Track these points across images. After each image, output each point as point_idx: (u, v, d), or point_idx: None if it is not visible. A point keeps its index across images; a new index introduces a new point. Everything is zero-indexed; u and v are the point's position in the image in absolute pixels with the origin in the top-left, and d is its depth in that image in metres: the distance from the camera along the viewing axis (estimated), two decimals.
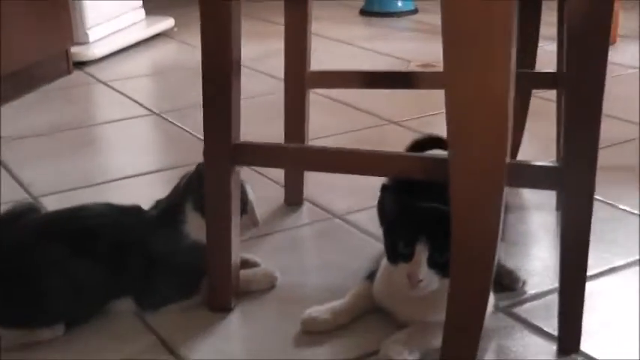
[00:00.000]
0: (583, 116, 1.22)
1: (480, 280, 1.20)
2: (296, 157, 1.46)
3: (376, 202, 1.47)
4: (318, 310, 1.46)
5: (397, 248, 1.36)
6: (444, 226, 1.22)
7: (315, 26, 1.92)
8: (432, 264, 1.32)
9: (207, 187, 1.47)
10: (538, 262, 1.67)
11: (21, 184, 2.15)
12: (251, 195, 1.60)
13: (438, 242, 1.31)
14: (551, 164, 1.30)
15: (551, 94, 1.99)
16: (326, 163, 1.41)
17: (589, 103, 1.21)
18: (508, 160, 1.17)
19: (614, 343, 1.41)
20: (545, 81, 1.81)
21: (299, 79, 1.85)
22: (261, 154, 1.46)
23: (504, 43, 1.07)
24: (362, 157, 1.39)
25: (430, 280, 1.33)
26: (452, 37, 1.11)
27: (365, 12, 4.31)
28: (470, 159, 1.13)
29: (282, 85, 1.90)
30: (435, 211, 1.34)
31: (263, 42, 3.20)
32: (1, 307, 1.43)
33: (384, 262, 1.44)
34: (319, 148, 1.44)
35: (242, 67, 1.46)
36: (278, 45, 2.91)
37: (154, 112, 2.77)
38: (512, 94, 1.12)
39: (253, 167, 1.79)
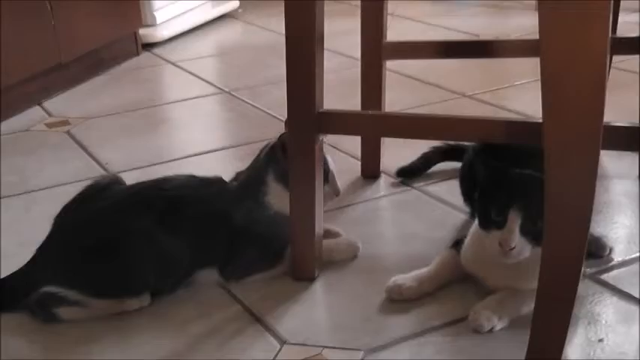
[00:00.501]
0: None
1: (575, 247, 1.18)
2: (382, 123, 1.45)
3: (454, 174, 1.47)
4: (404, 278, 1.46)
5: (490, 215, 1.35)
6: (538, 193, 1.20)
7: None
8: (525, 231, 1.31)
9: (291, 156, 1.47)
10: (623, 230, 1.65)
11: (98, 163, 2.18)
12: (331, 164, 1.60)
13: (531, 209, 1.29)
14: None
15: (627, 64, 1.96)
16: (412, 128, 1.40)
17: None
18: None
19: None
20: (629, 46, 1.77)
21: (375, 50, 1.84)
22: (346, 122, 1.46)
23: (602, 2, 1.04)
24: (448, 122, 1.38)
25: (522, 248, 1.31)
26: None
27: None
28: (566, 121, 1.11)
29: (352, 62, 1.89)
30: (528, 177, 1.33)
31: (329, 21, 3.19)
32: (90, 277, 1.45)
33: (474, 228, 1.43)
34: (405, 115, 1.44)
35: None
36: (346, 24, 2.92)
37: (225, 91, 2.79)
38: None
39: (328, 142, 1.78)
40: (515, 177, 1.35)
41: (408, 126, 1.41)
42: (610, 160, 1.90)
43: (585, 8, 1.05)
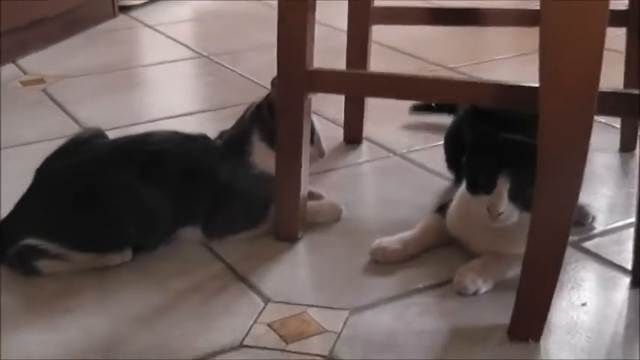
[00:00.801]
0: None
1: (565, 211, 1.18)
2: (371, 82, 1.44)
3: (436, 141, 1.47)
4: (388, 241, 1.46)
5: (478, 179, 1.35)
6: (528, 159, 1.20)
7: None
8: (513, 197, 1.31)
9: (279, 114, 1.46)
10: (605, 200, 1.66)
11: (76, 121, 2.15)
12: (317, 126, 1.59)
13: (520, 175, 1.29)
14: (634, 91, 1.28)
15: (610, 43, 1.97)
16: (401, 88, 1.39)
17: None
18: None
19: None
20: (616, 19, 1.77)
21: (363, 14, 1.83)
22: (335, 80, 1.45)
23: None
24: (436, 82, 1.38)
25: (510, 213, 1.31)
26: None
27: None
28: (563, 84, 1.11)
29: (336, 33, 1.88)
30: (519, 143, 1.33)
31: None
32: (71, 230, 1.44)
33: (460, 192, 1.43)
34: (394, 75, 1.42)
35: None
36: None
37: (203, 55, 2.76)
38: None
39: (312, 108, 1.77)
40: (505, 142, 1.35)
41: (397, 85, 1.41)
42: (592, 134, 1.90)
43: None
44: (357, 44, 1.87)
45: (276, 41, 1.42)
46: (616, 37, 1.79)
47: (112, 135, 1.61)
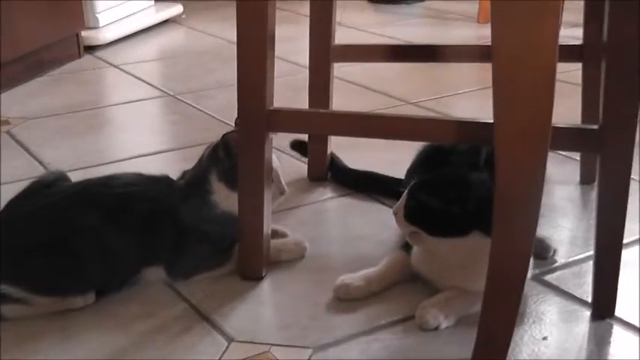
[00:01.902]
0: (624, 80, 1.23)
1: (523, 244, 1.20)
2: (332, 121, 1.46)
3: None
4: (352, 277, 1.47)
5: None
6: (442, 183, 1.34)
7: None
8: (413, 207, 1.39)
9: (240, 154, 1.46)
10: (566, 233, 1.68)
11: (40, 163, 2.15)
12: (276, 163, 1.59)
13: (425, 187, 1.39)
14: (590, 127, 1.30)
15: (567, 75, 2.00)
16: (362, 127, 1.41)
17: (630, 67, 1.22)
18: None
19: None
20: (572, 54, 1.81)
21: (324, 52, 1.85)
22: (296, 119, 1.46)
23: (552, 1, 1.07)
24: (398, 121, 1.40)
25: (406, 227, 1.41)
26: None
27: None
28: (516, 118, 1.12)
29: (297, 69, 1.90)
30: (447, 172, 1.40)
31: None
32: (33, 274, 1.43)
33: None
34: (355, 113, 1.44)
35: None
36: (290, 31, 2.93)
37: (169, 94, 2.77)
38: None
39: (276, 146, 1.78)
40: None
41: (359, 124, 1.42)
42: (553, 166, 1.92)
43: (536, 8, 1.07)
44: (319, 82, 1.88)
45: (236, 81, 1.43)
46: (577, 71, 1.84)
47: (76, 176, 1.61)
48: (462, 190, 1.33)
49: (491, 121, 1.16)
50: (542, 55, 1.09)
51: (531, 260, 1.37)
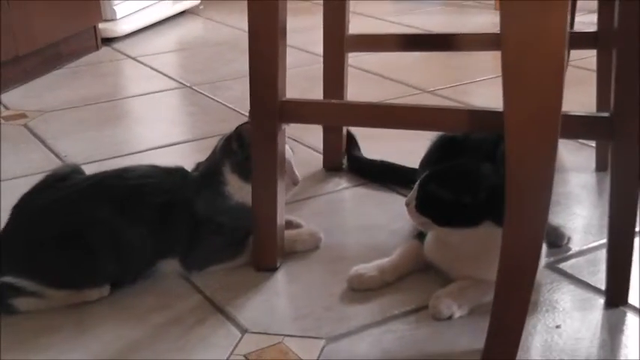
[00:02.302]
0: (635, 68, 1.22)
1: (534, 233, 1.19)
2: (344, 112, 1.46)
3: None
4: (365, 268, 1.47)
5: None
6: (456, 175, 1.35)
7: None
8: (425, 199, 1.40)
9: (253, 146, 1.47)
10: (580, 220, 1.67)
11: (56, 155, 2.16)
12: (289, 153, 1.60)
13: (438, 180, 1.39)
14: (602, 114, 1.29)
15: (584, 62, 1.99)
16: (374, 117, 1.41)
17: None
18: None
19: None
20: (586, 40, 1.80)
21: (338, 42, 1.85)
22: (308, 111, 1.46)
23: None
24: (410, 111, 1.39)
25: (419, 218, 1.41)
26: None
27: None
28: (525, 107, 1.12)
29: (313, 59, 1.90)
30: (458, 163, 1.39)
31: (291, 18, 3.21)
32: (48, 267, 1.44)
33: None
34: (367, 104, 1.44)
35: None
36: (307, 21, 2.93)
37: (186, 85, 2.78)
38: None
39: (291, 135, 1.79)
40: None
41: (370, 115, 1.42)
42: (568, 153, 1.92)
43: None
44: (334, 72, 1.88)
45: (249, 72, 1.43)
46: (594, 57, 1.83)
47: (93, 168, 1.63)
48: (472, 181, 1.33)
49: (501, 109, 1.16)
50: (551, 43, 1.08)
51: (545, 248, 1.37)
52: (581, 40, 1.81)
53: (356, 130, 1.95)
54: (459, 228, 1.36)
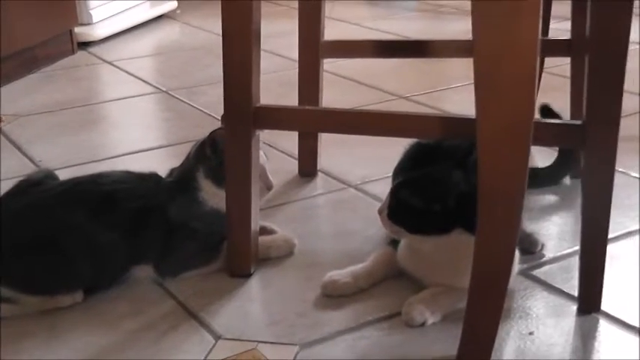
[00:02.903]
0: (607, 76, 1.23)
1: (506, 240, 1.20)
2: (318, 118, 1.46)
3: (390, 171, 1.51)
4: (339, 274, 1.47)
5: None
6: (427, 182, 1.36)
7: None
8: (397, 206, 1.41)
9: (227, 151, 1.47)
10: (554, 227, 1.68)
11: (31, 160, 2.15)
12: (263, 158, 1.60)
13: (410, 187, 1.39)
14: (574, 122, 1.30)
15: (558, 69, 2.00)
16: (348, 124, 1.41)
17: (613, 63, 1.22)
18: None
19: (633, 303, 1.41)
20: (560, 48, 1.81)
21: (313, 48, 1.85)
22: (282, 117, 1.46)
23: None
24: (384, 117, 1.40)
25: (391, 226, 1.42)
26: None
27: None
28: (497, 115, 1.13)
29: (289, 63, 1.90)
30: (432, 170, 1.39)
31: (268, 23, 3.21)
32: (21, 273, 1.43)
33: None
34: (340, 110, 1.44)
35: None
36: (284, 26, 2.93)
37: (162, 90, 2.77)
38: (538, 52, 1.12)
39: (266, 141, 1.79)
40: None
41: (344, 121, 1.43)
42: (542, 159, 1.93)
43: (516, 6, 1.07)
44: (309, 78, 1.88)
45: (222, 78, 1.43)
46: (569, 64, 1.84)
47: (68, 173, 1.62)
48: (442, 189, 1.34)
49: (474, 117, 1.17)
50: (523, 52, 1.09)
51: (518, 255, 1.38)
52: (555, 48, 1.82)
53: (331, 136, 1.95)
54: (430, 236, 1.37)
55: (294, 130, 1.90)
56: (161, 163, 1.82)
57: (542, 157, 1.87)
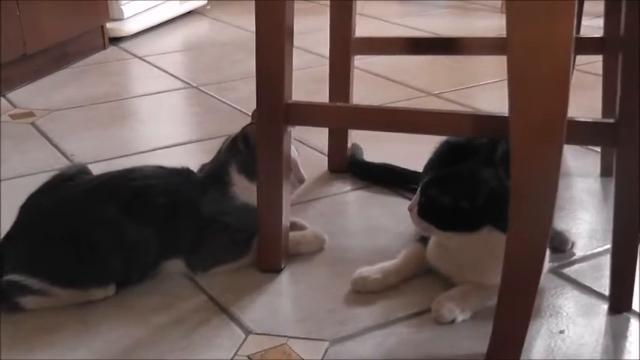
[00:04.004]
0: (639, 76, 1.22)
1: (538, 238, 1.20)
2: (348, 115, 1.46)
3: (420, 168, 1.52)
4: (369, 270, 1.47)
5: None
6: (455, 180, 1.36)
7: None
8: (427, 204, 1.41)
9: (259, 147, 1.47)
10: (585, 226, 1.68)
11: (64, 154, 2.17)
12: (294, 153, 1.60)
13: (438, 185, 1.40)
14: (606, 120, 1.29)
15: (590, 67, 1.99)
16: (378, 121, 1.41)
17: None
18: None
19: None
20: (592, 46, 1.80)
21: (344, 45, 1.85)
22: (313, 113, 1.47)
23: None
24: (414, 115, 1.40)
25: (420, 222, 1.43)
26: None
27: None
28: (531, 114, 1.13)
29: (321, 60, 1.90)
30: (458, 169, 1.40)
31: (298, 20, 3.21)
32: (55, 266, 1.45)
33: None
34: (371, 107, 1.45)
35: None
36: (315, 22, 2.93)
37: (192, 85, 2.78)
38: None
39: (296, 137, 1.80)
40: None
41: (375, 118, 1.43)
42: (573, 158, 1.92)
43: (551, 4, 1.07)
44: (340, 75, 1.89)
45: (255, 75, 1.43)
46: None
47: (99, 167, 1.64)
48: (471, 186, 1.34)
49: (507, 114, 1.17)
50: (557, 49, 1.09)
51: (548, 253, 1.37)
52: (588, 46, 1.81)
53: (361, 132, 1.95)
54: (460, 233, 1.37)
55: (325, 127, 1.91)
56: (191, 158, 1.84)
57: (574, 155, 1.87)
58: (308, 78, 2.55)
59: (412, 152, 1.72)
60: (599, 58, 1.87)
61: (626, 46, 1.26)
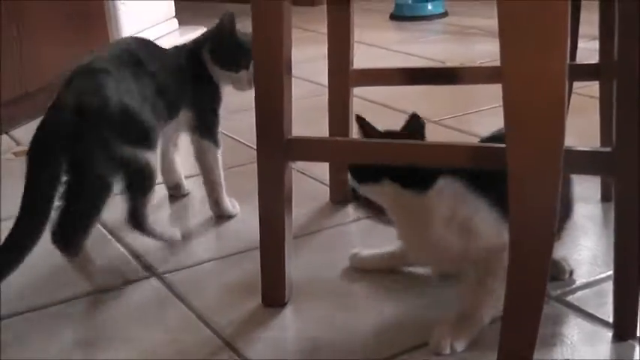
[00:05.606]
0: (636, 101, 1.23)
1: (539, 268, 1.21)
2: (350, 149, 1.48)
3: None
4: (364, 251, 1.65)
5: None
6: None
7: None
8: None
9: (260, 183, 1.48)
10: (586, 252, 1.68)
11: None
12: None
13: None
14: (603, 149, 1.30)
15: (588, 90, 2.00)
16: (379, 154, 1.43)
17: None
18: None
19: None
20: (588, 72, 1.82)
21: (342, 77, 1.87)
22: (314, 148, 1.48)
23: (561, 27, 1.08)
24: (414, 147, 1.41)
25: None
26: (509, 23, 1.11)
27: (395, 17, 4.34)
28: (527, 145, 1.14)
29: (320, 89, 1.92)
30: None
31: (297, 48, 3.23)
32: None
33: None
34: (371, 141, 1.46)
35: None
36: (313, 51, 2.95)
37: None
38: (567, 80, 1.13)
39: (297, 168, 1.81)
40: None
41: (375, 152, 1.44)
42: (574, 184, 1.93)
43: (544, 35, 1.09)
44: (339, 106, 1.91)
45: (255, 111, 1.45)
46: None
47: None
48: None
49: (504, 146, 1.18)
50: (552, 82, 1.11)
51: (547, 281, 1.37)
52: (583, 72, 1.83)
53: None
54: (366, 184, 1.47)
55: (326, 162, 1.93)
56: (192, 190, 1.85)
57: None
58: (308, 108, 2.55)
59: None
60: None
61: (620, 71, 1.26)
